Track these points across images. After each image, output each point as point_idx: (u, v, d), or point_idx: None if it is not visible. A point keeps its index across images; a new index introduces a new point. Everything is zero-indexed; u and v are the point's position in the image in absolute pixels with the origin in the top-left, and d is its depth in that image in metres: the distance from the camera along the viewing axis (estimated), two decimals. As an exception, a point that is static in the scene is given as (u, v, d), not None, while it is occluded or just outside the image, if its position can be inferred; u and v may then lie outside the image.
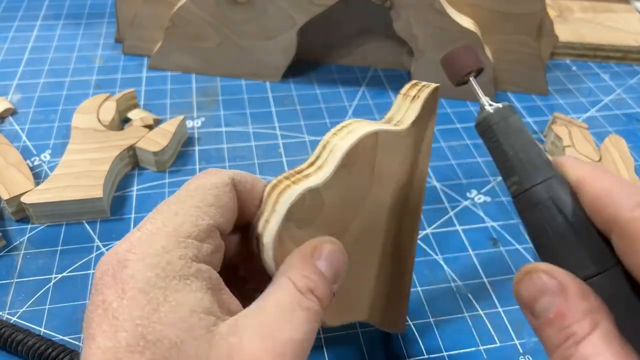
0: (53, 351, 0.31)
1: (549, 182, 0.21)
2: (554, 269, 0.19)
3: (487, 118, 0.23)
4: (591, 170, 0.20)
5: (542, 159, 0.21)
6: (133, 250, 0.20)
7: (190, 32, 0.54)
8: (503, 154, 0.22)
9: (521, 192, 0.21)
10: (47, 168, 0.45)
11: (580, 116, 0.54)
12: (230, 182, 0.23)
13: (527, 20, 0.52)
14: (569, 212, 0.20)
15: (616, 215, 0.18)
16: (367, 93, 0.56)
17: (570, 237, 0.20)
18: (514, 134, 0.22)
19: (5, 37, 0.62)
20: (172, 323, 0.19)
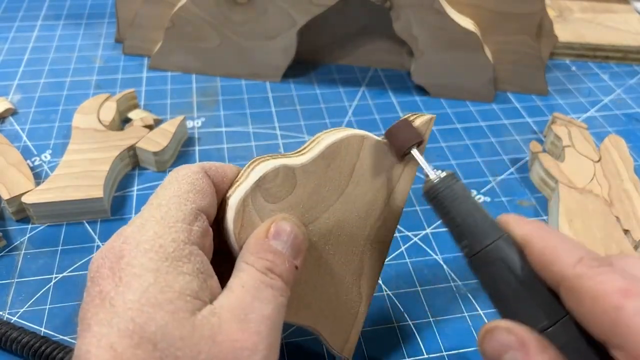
0: (47, 348, 0.31)
1: (497, 243, 0.22)
2: (513, 326, 0.20)
3: (433, 188, 0.24)
4: (535, 228, 0.22)
5: (488, 221, 0.23)
6: (127, 242, 0.21)
7: (190, 32, 0.54)
8: (452, 221, 0.23)
9: (473, 254, 0.23)
10: (48, 168, 0.45)
11: (580, 116, 0.54)
12: (201, 170, 0.24)
13: (527, 20, 0.52)
14: (518, 270, 0.21)
15: (561, 272, 0.20)
16: (367, 93, 0.56)
17: (522, 293, 0.21)
18: (460, 201, 0.23)
19: (6, 37, 0.62)
20: (159, 304, 0.19)
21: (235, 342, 0.20)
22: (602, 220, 0.39)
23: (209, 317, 0.20)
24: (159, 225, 0.21)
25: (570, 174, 0.43)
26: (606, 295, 0.18)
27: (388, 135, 0.26)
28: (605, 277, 0.18)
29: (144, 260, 0.20)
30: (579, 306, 0.19)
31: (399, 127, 0.26)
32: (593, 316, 0.18)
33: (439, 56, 0.53)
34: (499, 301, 0.22)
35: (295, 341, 0.33)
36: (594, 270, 0.19)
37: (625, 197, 0.41)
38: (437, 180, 0.24)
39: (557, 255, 0.20)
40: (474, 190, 0.45)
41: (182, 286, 0.20)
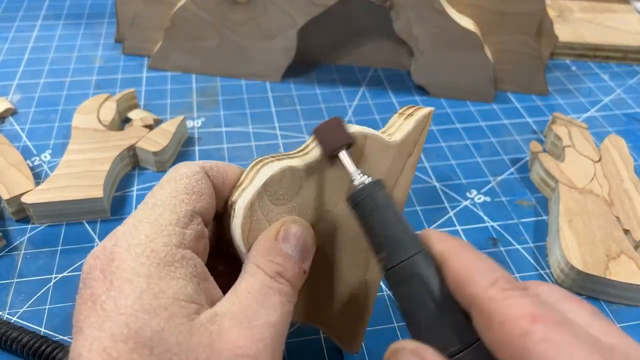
0: (47, 348, 0.31)
1: (415, 258, 0.21)
2: (420, 348, 0.19)
3: (354, 194, 0.23)
4: (454, 245, 0.21)
5: (408, 235, 0.22)
6: (119, 243, 0.20)
7: (190, 32, 0.54)
8: (370, 230, 0.22)
9: (389, 268, 0.21)
10: (48, 168, 0.45)
11: (580, 116, 0.54)
12: (201, 171, 0.23)
13: (527, 20, 0.52)
14: (434, 288, 0.20)
15: (474, 294, 0.19)
16: (367, 93, 0.56)
17: (434, 313, 0.20)
18: (381, 211, 0.22)
19: (6, 37, 0.62)
20: (154, 310, 0.19)
21: (237, 349, 0.19)
22: (602, 220, 0.39)
23: (207, 324, 0.20)
24: (151, 228, 0.21)
25: (570, 174, 0.43)
26: (514, 319, 0.17)
27: (316, 134, 0.24)
28: (515, 301, 0.18)
29: (134, 265, 0.20)
30: (488, 330, 0.18)
31: (328, 126, 0.24)
32: (500, 341, 0.17)
33: (439, 56, 0.53)
34: (411, 320, 0.21)
35: (295, 341, 0.33)
36: (505, 294, 0.18)
37: (626, 197, 0.41)
38: (360, 186, 0.23)
39: (471, 276, 0.19)
40: (474, 190, 0.45)
41: (176, 291, 0.19)
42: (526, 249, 0.40)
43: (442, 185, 0.45)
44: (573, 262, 0.36)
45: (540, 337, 0.16)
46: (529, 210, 0.43)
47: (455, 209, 0.43)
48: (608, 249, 0.37)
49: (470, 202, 0.44)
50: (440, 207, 0.43)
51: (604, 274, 0.36)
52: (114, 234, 0.21)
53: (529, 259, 0.39)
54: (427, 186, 0.45)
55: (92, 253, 0.21)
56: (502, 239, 0.41)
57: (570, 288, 0.37)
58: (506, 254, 0.40)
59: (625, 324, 0.35)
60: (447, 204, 0.43)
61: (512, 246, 0.40)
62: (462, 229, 0.41)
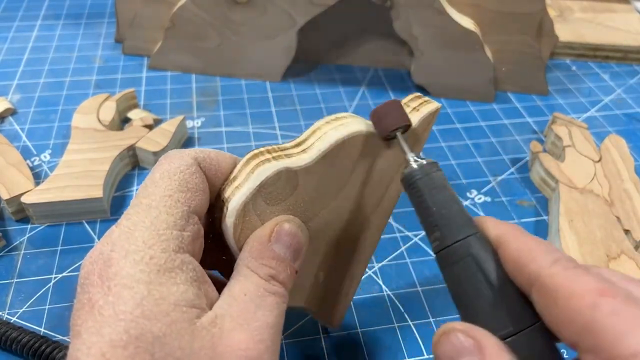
0: (47, 348, 0.31)
1: (470, 239, 0.21)
2: (471, 328, 0.19)
3: (411, 173, 0.23)
4: (511, 229, 0.21)
5: (464, 216, 0.22)
6: (115, 249, 0.20)
7: (190, 32, 0.54)
8: (426, 210, 0.22)
9: (442, 248, 0.21)
10: (47, 168, 0.45)
11: (580, 116, 0.54)
12: (194, 163, 0.23)
13: (527, 20, 0.51)
14: (489, 270, 0.20)
15: (536, 272, 0.19)
16: (367, 93, 0.56)
17: (489, 295, 0.20)
18: (437, 191, 0.22)
19: (5, 37, 0.62)
20: (155, 317, 0.19)
21: (239, 351, 0.19)
22: (602, 220, 0.39)
23: (209, 327, 0.20)
24: (149, 233, 0.20)
25: (570, 174, 0.43)
26: (581, 293, 0.17)
27: (373, 116, 0.25)
28: (580, 277, 0.18)
29: (134, 272, 0.19)
30: (551, 306, 0.18)
31: (386, 108, 0.24)
32: (566, 316, 0.17)
33: (439, 56, 0.53)
34: (463, 301, 0.21)
35: (295, 341, 0.33)
36: (569, 271, 0.18)
37: (626, 197, 0.41)
38: (417, 166, 0.23)
39: (532, 256, 0.19)
40: (474, 190, 0.45)
41: (177, 297, 0.19)
42: (526, 249, 0.40)
43: (442, 185, 0.45)
44: (573, 262, 0.36)
45: (609, 309, 0.16)
46: (529, 210, 0.43)
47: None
48: (608, 249, 0.37)
49: (470, 202, 0.44)
50: (441, 207, 0.43)
51: (604, 274, 0.36)
52: (109, 236, 0.21)
53: (529, 259, 0.39)
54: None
55: (89, 257, 0.21)
56: (502, 239, 0.41)
57: (571, 288, 0.37)
58: (506, 254, 0.40)
59: (625, 324, 0.35)
60: (447, 204, 0.43)
61: (512, 246, 0.40)
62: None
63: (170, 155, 0.23)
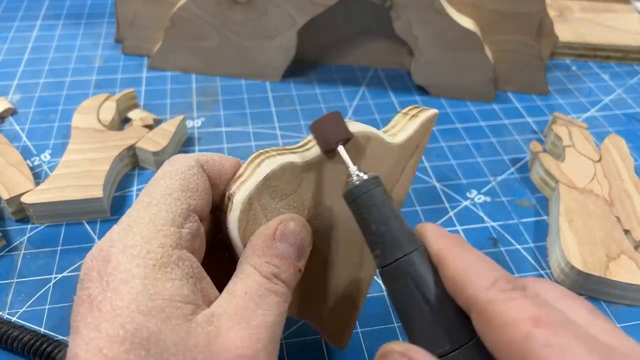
0: (48, 346, 0.31)
1: (410, 256, 0.21)
2: (409, 349, 0.19)
3: (351, 190, 0.22)
4: (451, 243, 0.20)
5: (404, 232, 0.21)
6: (115, 245, 0.20)
7: (190, 32, 0.54)
8: (366, 228, 0.22)
9: (383, 266, 0.21)
10: (47, 168, 0.45)
11: (580, 116, 0.54)
12: (196, 164, 0.23)
13: (527, 20, 0.52)
14: (427, 287, 0.20)
15: (473, 296, 0.19)
16: (367, 93, 0.56)
17: (427, 313, 0.20)
18: (377, 207, 0.22)
19: (5, 37, 0.62)
20: (150, 312, 0.19)
21: (235, 350, 0.19)
22: (602, 220, 0.39)
23: (205, 325, 0.19)
24: (147, 229, 0.20)
25: (570, 174, 0.43)
26: (516, 323, 0.17)
27: (314, 128, 0.24)
28: (515, 303, 0.17)
29: (130, 267, 0.20)
30: (489, 333, 0.18)
31: (326, 120, 0.24)
32: (502, 345, 0.17)
33: (439, 56, 0.53)
34: (404, 319, 0.21)
35: (295, 341, 0.33)
36: (505, 295, 0.18)
37: (626, 197, 0.41)
38: (357, 182, 0.22)
39: (470, 277, 0.19)
40: (474, 190, 0.45)
41: (172, 293, 0.19)
42: (526, 249, 0.40)
43: (442, 185, 0.45)
44: (573, 262, 0.36)
45: (542, 341, 0.16)
46: (529, 210, 0.43)
47: (455, 209, 0.43)
48: (608, 249, 0.37)
49: (470, 202, 0.44)
50: (440, 207, 0.43)
51: (604, 274, 0.36)
52: (109, 234, 0.21)
53: (529, 259, 0.39)
54: (427, 186, 0.45)
55: (89, 254, 0.21)
56: (502, 239, 0.41)
57: (571, 288, 0.37)
58: (506, 254, 0.40)
59: (625, 324, 0.35)
60: (447, 204, 0.43)
61: (512, 246, 0.40)
62: (462, 229, 0.41)
63: (173, 158, 0.24)
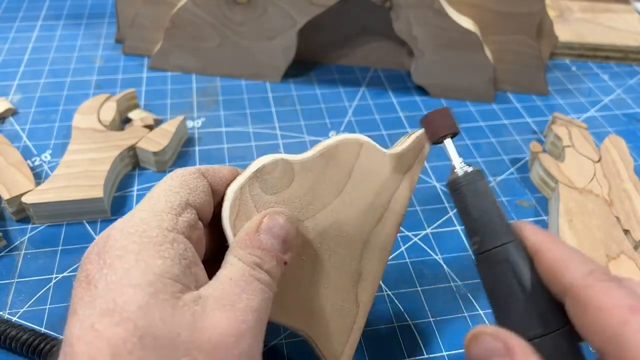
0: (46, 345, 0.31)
1: (508, 245, 0.22)
2: (499, 332, 0.20)
3: (457, 180, 0.25)
4: (548, 238, 0.22)
5: (504, 223, 0.23)
6: (115, 227, 0.21)
7: (191, 32, 0.54)
8: (468, 215, 0.24)
9: (482, 252, 0.23)
10: (48, 168, 0.45)
11: (580, 116, 0.54)
12: (197, 171, 0.25)
13: (527, 20, 0.52)
14: (523, 275, 0.22)
15: (570, 282, 0.20)
16: (367, 93, 0.56)
17: (521, 298, 0.21)
18: (480, 198, 0.24)
19: (6, 38, 0.62)
20: (139, 285, 0.19)
21: (220, 329, 0.20)
22: (602, 220, 0.39)
23: (191, 304, 0.20)
24: (146, 213, 0.22)
25: (570, 174, 0.43)
26: (613, 308, 0.18)
27: (424, 121, 0.27)
28: (613, 291, 0.19)
29: (126, 243, 0.20)
30: (583, 315, 0.19)
31: (436, 114, 0.26)
32: (596, 326, 0.19)
33: (439, 56, 0.53)
34: (497, 302, 0.22)
35: (295, 341, 0.33)
36: (603, 284, 0.19)
37: (625, 197, 0.41)
38: (462, 173, 0.24)
39: (568, 266, 0.20)
40: (474, 190, 0.45)
41: (163, 269, 0.20)
42: (526, 249, 0.40)
43: (442, 185, 0.45)
44: (573, 262, 0.36)
45: (638, 327, 0.17)
46: (529, 210, 0.43)
47: (454, 209, 0.43)
48: (608, 249, 0.37)
49: (470, 202, 0.44)
50: (440, 207, 0.43)
51: (604, 274, 0.36)
52: (112, 224, 0.22)
53: (529, 259, 0.39)
54: (427, 186, 0.45)
55: (93, 242, 0.22)
56: (502, 239, 0.41)
57: (570, 288, 0.37)
58: (506, 254, 0.40)
59: (625, 324, 0.35)
60: (447, 204, 0.43)
61: (512, 246, 0.40)
62: (462, 229, 0.41)
63: (176, 169, 0.25)
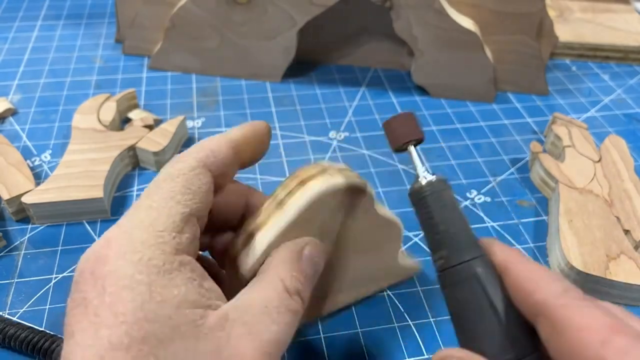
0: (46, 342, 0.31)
1: (476, 261, 0.20)
2: (469, 356, 0.19)
3: (421, 189, 0.22)
4: (517, 255, 0.21)
5: (471, 237, 0.21)
6: (112, 247, 0.20)
7: (190, 32, 0.54)
8: (433, 227, 0.22)
9: (447, 267, 0.21)
10: (48, 168, 0.45)
11: (580, 116, 0.54)
12: (198, 165, 0.23)
13: (527, 20, 0.52)
14: (493, 294, 0.20)
15: (544, 301, 0.18)
16: (367, 93, 0.56)
17: (492, 319, 0.20)
18: (447, 209, 0.22)
19: (6, 38, 0.62)
20: (158, 320, 0.18)
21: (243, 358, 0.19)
22: (602, 220, 0.39)
23: (215, 330, 0.19)
24: (147, 233, 0.20)
25: (570, 174, 0.43)
26: (592, 328, 0.17)
27: (386, 127, 0.25)
28: (592, 311, 0.18)
29: (132, 272, 0.19)
30: (560, 336, 0.18)
31: (399, 119, 0.24)
32: (575, 347, 0.17)
33: (439, 56, 0.53)
34: (464, 323, 0.20)
35: (295, 341, 0.33)
36: (580, 302, 0.18)
37: (626, 197, 0.41)
38: (426, 182, 0.22)
39: (540, 284, 0.19)
40: (474, 190, 0.45)
41: (180, 300, 0.19)
42: (526, 249, 0.40)
43: (442, 185, 0.45)
44: (573, 262, 0.36)
45: (620, 347, 0.16)
46: (529, 210, 0.43)
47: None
48: (608, 249, 0.37)
49: (470, 202, 0.44)
50: (441, 207, 0.43)
51: (604, 274, 0.36)
52: (105, 236, 0.21)
53: (529, 259, 0.39)
54: (427, 186, 0.45)
55: (85, 254, 0.21)
56: (502, 239, 0.41)
57: (571, 288, 0.37)
58: (506, 254, 0.40)
59: (625, 324, 0.35)
60: (447, 204, 0.43)
61: (512, 246, 0.40)
62: (462, 229, 0.41)
63: (175, 158, 0.23)
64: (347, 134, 0.50)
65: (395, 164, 0.47)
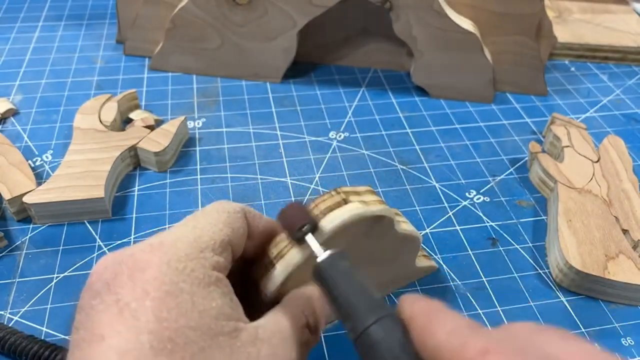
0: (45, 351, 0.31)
1: (381, 322, 0.21)
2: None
3: (318, 266, 0.23)
4: (424, 305, 0.20)
5: (373, 301, 0.22)
6: (156, 254, 0.21)
7: (191, 33, 0.54)
8: (335, 301, 0.22)
9: (357, 336, 0.21)
10: (49, 168, 0.45)
11: (579, 117, 0.54)
12: (241, 210, 0.25)
13: (526, 21, 0.52)
14: (399, 351, 0.20)
15: (435, 345, 0.18)
16: (367, 93, 0.56)
17: None
18: (343, 280, 0.22)
19: (7, 38, 0.62)
20: (200, 328, 0.19)
21: None
22: (601, 220, 0.40)
23: (247, 345, 0.21)
24: (191, 248, 0.21)
25: (569, 174, 0.43)
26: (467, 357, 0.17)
27: (280, 219, 0.26)
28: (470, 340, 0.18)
29: (177, 280, 0.20)
30: None
31: (288, 210, 0.25)
32: None
33: (439, 57, 0.53)
34: None
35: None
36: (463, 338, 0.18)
37: (624, 197, 0.42)
38: (320, 259, 0.23)
39: (432, 329, 0.19)
40: (473, 190, 0.45)
41: (217, 312, 0.20)
42: (525, 249, 0.40)
43: (442, 185, 0.45)
44: (572, 262, 0.36)
45: None
46: (528, 210, 0.43)
47: (454, 209, 0.43)
48: (607, 249, 0.38)
49: (469, 202, 0.44)
50: (440, 207, 0.43)
51: (603, 273, 0.36)
52: (146, 242, 0.21)
53: (528, 259, 0.40)
54: (427, 186, 0.45)
55: (113, 257, 0.21)
56: (501, 239, 0.41)
57: (569, 288, 0.37)
58: (505, 254, 0.40)
59: (623, 324, 0.36)
60: (446, 204, 0.44)
61: (511, 246, 0.40)
62: (461, 229, 0.41)
63: (222, 202, 0.25)
64: (347, 134, 0.51)
65: (395, 164, 0.47)
